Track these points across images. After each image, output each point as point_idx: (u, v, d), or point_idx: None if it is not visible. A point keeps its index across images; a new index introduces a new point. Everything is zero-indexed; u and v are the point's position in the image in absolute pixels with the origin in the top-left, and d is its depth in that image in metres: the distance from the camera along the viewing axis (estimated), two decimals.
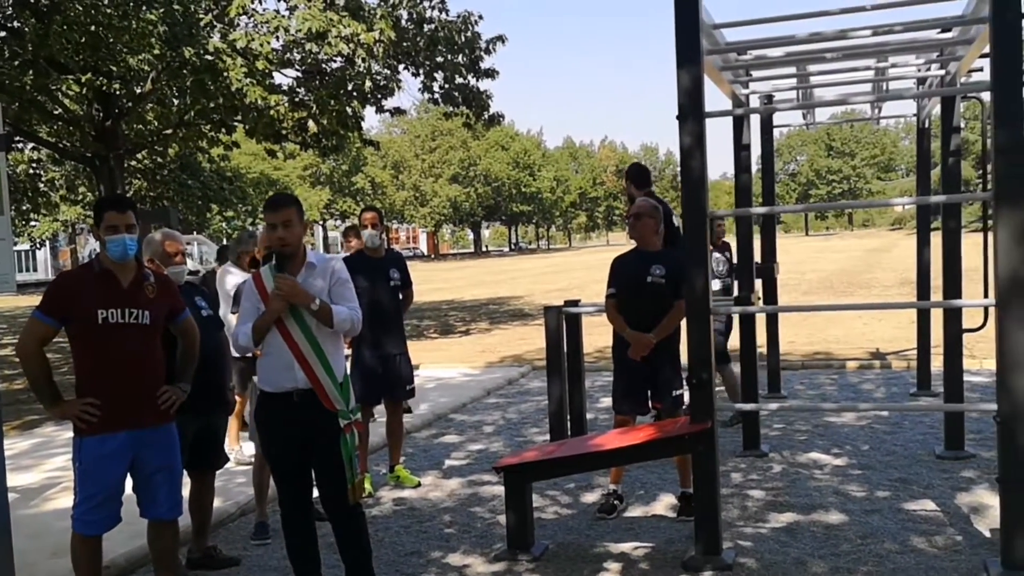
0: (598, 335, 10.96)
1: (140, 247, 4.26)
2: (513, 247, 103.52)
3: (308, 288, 3.99)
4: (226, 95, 11.02)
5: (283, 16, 11.63)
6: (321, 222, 75.21)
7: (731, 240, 8.02)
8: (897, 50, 6.11)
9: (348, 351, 6.39)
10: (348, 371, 4.25)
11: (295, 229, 4.01)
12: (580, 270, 37.76)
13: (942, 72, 6.65)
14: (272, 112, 11.60)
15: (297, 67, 13.46)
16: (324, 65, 12.79)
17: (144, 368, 4.03)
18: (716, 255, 8.49)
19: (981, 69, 6.21)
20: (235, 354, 4.77)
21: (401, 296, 6.54)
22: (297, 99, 13.09)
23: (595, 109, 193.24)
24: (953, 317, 6.74)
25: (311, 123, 13.12)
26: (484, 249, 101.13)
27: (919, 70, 7.10)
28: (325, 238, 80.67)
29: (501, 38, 15.04)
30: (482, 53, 14.87)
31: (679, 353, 5.57)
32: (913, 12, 5.43)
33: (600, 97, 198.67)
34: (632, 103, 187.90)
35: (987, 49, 4.18)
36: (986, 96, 4.40)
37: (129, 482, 4.11)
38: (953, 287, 6.64)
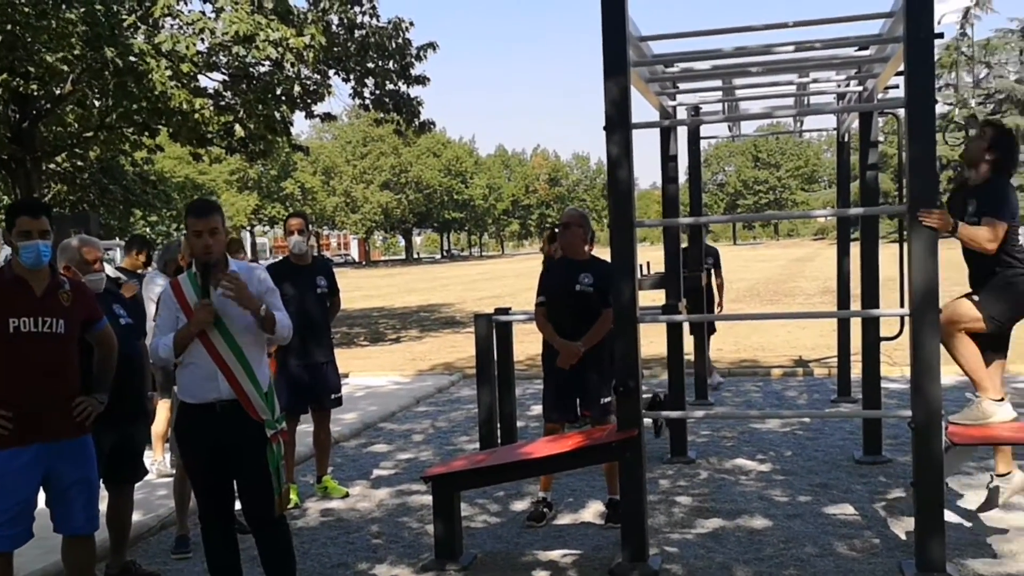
0: (529, 343, 11.00)
1: (55, 254, 4.12)
2: (445, 254, 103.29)
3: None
4: (150, 98, 10.75)
5: (209, 18, 11.41)
6: (249, 228, 73.99)
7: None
8: (818, 66, 6.28)
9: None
10: (272, 380, 4.17)
11: (220, 236, 3.93)
12: (512, 277, 37.84)
13: (860, 88, 6.86)
14: (197, 115, 11.36)
15: (224, 70, 13.21)
16: (252, 69, 12.58)
17: (58, 379, 3.90)
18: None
19: (897, 86, 6.41)
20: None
21: (328, 304, 6.46)
22: (223, 103, 12.85)
23: (528, 118, 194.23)
24: (871, 326, 6.94)
25: (238, 127, 12.89)
26: (416, 256, 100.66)
27: (839, 86, 7.29)
28: (253, 244, 79.37)
29: (432, 45, 15.00)
30: (413, 60, 14.80)
31: (607, 361, 5.61)
32: (833, 30, 5.63)
33: (532, 106, 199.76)
34: (564, 112, 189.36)
35: (902, 67, 4.31)
36: (902, 112, 4.54)
37: (42, 496, 3.98)
38: (871, 297, 6.84)
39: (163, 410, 6.72)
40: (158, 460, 7.00)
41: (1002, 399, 4.57)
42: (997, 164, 4.63)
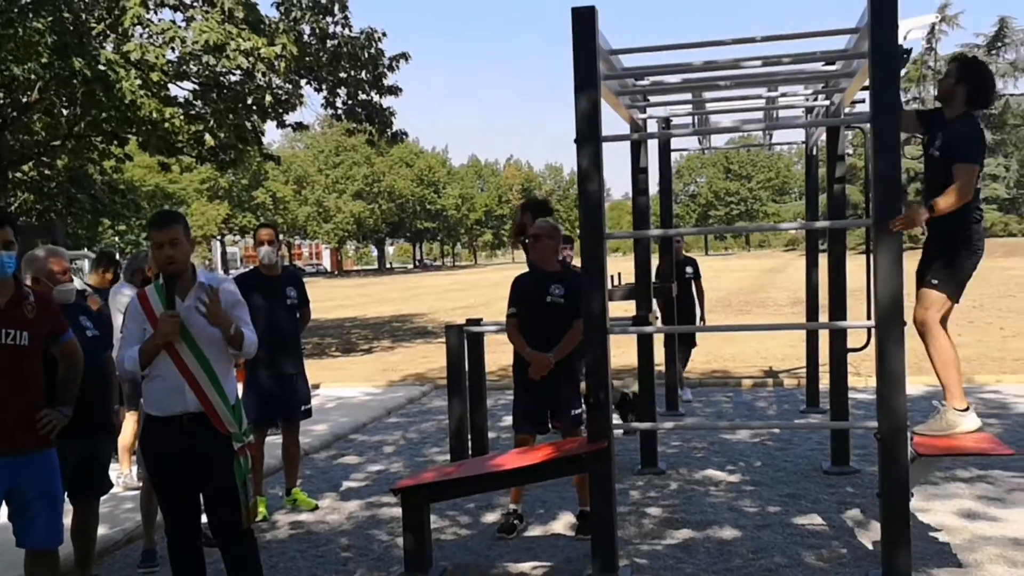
0: (502, 353, 10.98)
1: (19, 264, 4.07)
2: (418, 264, 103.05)
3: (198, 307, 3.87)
4: (118, 107, 10.64)
5: (180, 28, 11.32)
6: (219, 237, 73.40)
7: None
8: (786, 80, 6.35)
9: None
10: (240, 392, 4.14)
11: (182, 247, 3.89)
12: (485, 287, 37.84)
13: (828, 102, 6.94)
14: (167, 125, 11.26)
15: (194, 79, 13.11)
16: (223, 78, 12.50)
17: (22, 391, 3.84)
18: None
19: (864, 100, 6.50)
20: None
21: (298, 315, 6.43)
22: (193, 112, 12.75)
23: (500, 128, 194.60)
24: (838, 337, 7.01)
25: (208, 136, 12.80)
26: (388, 266, 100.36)
27: (807, 99, 7.37)
28: (223, 254, 78.74)
29: (405, 55, 15.00)
30: (385, 70, 14.79)
31: (578, 372, 5.63)
32: (801, 45, 5.68)
33: (505, 116, 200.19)
34: (537, 122, 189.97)
35: (868, 82, 4.37)
36: (868, 126, 4.60)
37: (5, 510, 3.91)
38: (838, 309, 6.91)
39: (130, 422, 6.64)
40: (125, 473, 6.91)
41: (967, 408, 4.62)
42: (970, 95, 4.59)
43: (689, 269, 10.10)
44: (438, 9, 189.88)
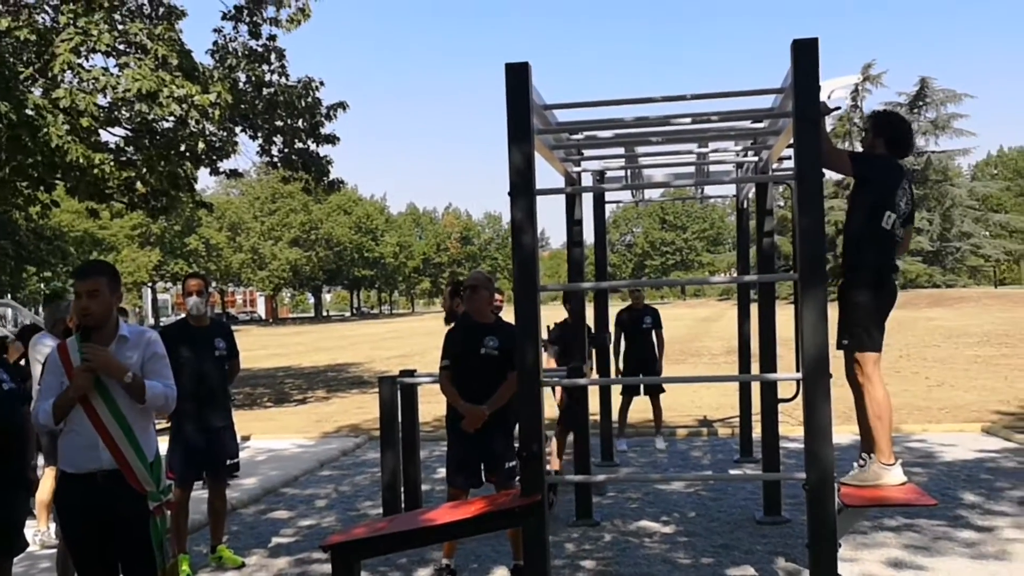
0: (437, 403, 10.88)
1: None
2: (355, 312, 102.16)
3: (120, 361, 3.76)
4: (45, 152, 10.40)
5: (112, 74, 11.16)
6: (151, 284, 71.84)
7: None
8: (716, 136, 6.51)
9: (167, 423, 6.10)
10: (160, 448, 4.01)
11: (102, 299, 3.79)
12: (422, 335, 37.61)
13: (757, 158, 7.12)
14: (96, 171, 11.02)
15: (125, 126, 12.90)
16: (155, 124, 12.32)
17: None
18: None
19: (791, 156, 6.68)
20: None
21: (227, 367, 6.30)
22: (124, 158, 12.53)
23: (439, 176, 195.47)
24: (769, 389, 7.11)
25: (139, 183, 12.57)
26: (325, 313, 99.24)
27: (737, 155, 7.56)
28: (155, 301, 77.01)
29: (343, 104, 15.00)
30: (323, 119, 14.76)
31: (513, 425, 5.60)
32: (729, 103, 5.82)
33: (444, 164, 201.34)
34: (476, 171, 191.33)
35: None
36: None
37: None
38: (768, 360, 7.01)
39: (48, 478, 6.40)
40: (42, 530, 6.66)
41: (893, 464, 4.70)
42: (889, 143, 4.83)
43: (648, 319, 10.27)
44: (378, 57, 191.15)
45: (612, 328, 9.80)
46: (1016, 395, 13.51)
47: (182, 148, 12.22)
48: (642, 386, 10.15)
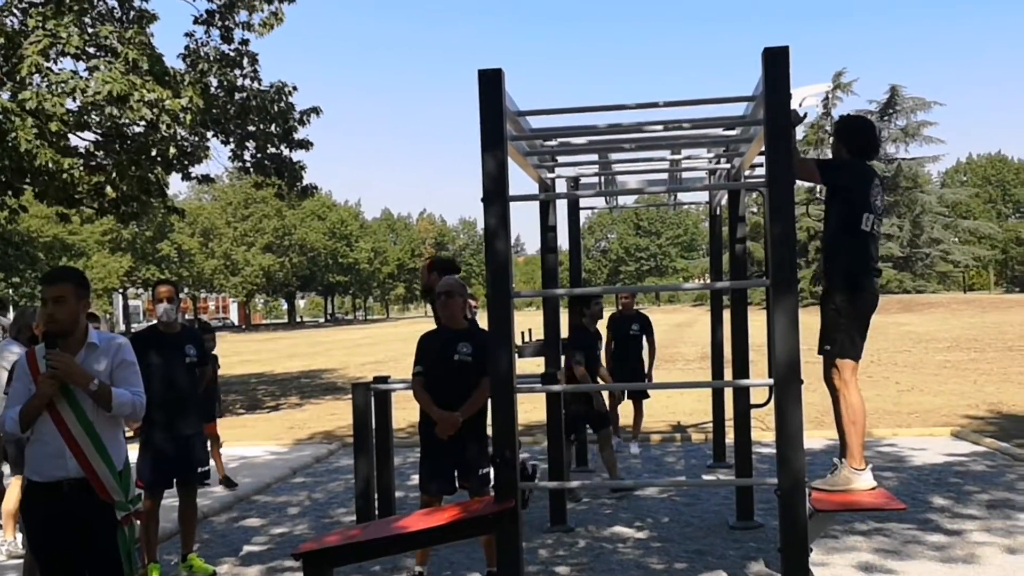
0: (412, 409, 10.83)
1: None
2: (329, 318, 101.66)
3: (88, 369, 3.71)
4: (13, 156, 10.26)
5: (82, 77, 11.04)
6: (121, 290, 71.11)
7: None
8: (688, 144, 6.54)
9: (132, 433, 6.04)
10: (129, 456, 3.96)
11: (68, 306, 3.73)
12: (396, 341, 37.48)
13: (729, 166, 7.16)
14: (65, 176, 10.89)
15: (95, 130, 12.76)
16: (126, 129, 12.20)
17: None
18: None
19: (763, 164, 6.72)
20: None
21: (198, 373, 6.25)
22: (94, 163, 12.39)
23: (414, 182, 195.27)
24: (742, 395, 7.15)
25: (109, 188, 12.43)
26: (299, 320, 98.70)
27: (710, 162, 7.60)
28: (126, 307, 76.23)
29: (316, 109, 14.93)
30: (296, 124, 14.68)
31: (486, 431, 5.59)
32: (701, 111, 5.85)
33: (419, 170, 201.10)
34: (451, 177, 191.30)
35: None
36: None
37: None
38: (741, 366, 7.05)
39: (15, 487, 6.31)
40: (8, 540, 6.58)
41: (864, 468, 4.74)
42: (852, 148, 4.89)
43: (635, 326, 10.30)
44: (354, 63, 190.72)
45: (604, 332, 10.01)
46: (985, 399, 13.68)
47: (153, 153, 12.11)
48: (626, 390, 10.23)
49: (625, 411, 10.67)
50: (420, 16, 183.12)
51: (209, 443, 9.11)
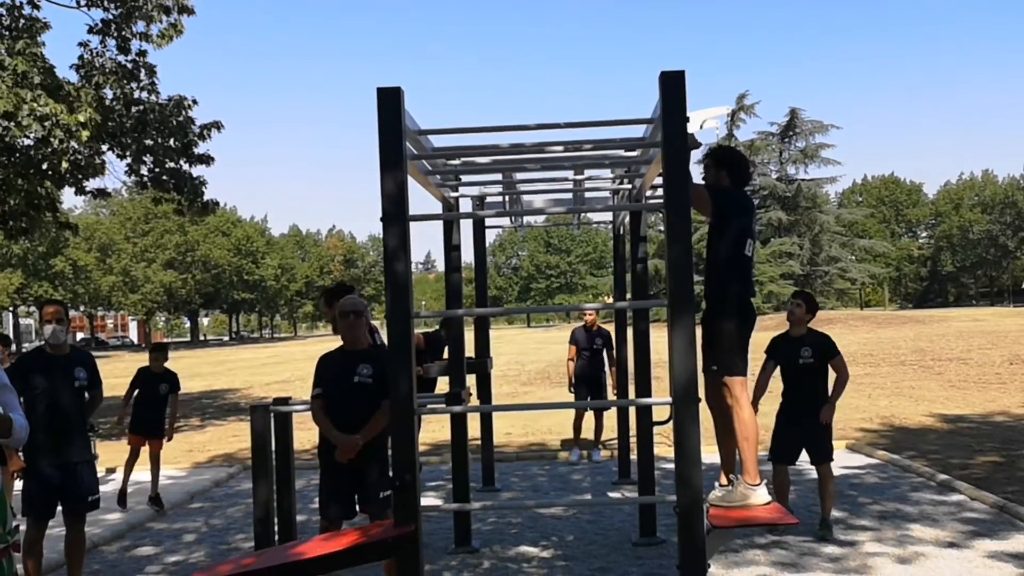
0: (316, 431, 10.64)
1: None
2: (234, 336, 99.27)
3: None
4: None
5: None
6: (11, 308, 68.04)
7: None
8: (591, 164, 6.60)
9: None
10: (5, 484, 3.75)
11: None
12: (304, 360, 36.76)
13: (630, 186, 7.26)
14: None
15: None
16: (14, 142, 11.68)
17: None
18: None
19: (663, 185, 6.84)
20: None
21: (88, 397, 5.99)
22: None
23: (323, 198, 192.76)
24: (645, 412, 7.23)
25: None
26: (202, 338, 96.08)
27: (613, 182, 7.69)
28: (16, 326, 72.93)
29: (217, 124, 14.57)
30: (196, 138, 14.29)
31: (387, 454, 5.50)
32: (602, 132, 5.91)
33: (328, 186, 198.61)
34: (360, 193, 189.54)
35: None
36: None
37: None
38: (644, 384, 7.13)
39: None
40: None
41: (759, 484, 4.83)
42: (732, 175, 5.01)
43: (599, 340, 10.86)
44: (259, 77, 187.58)
45: (567, 345, 10.86)
46: (878, 412, 14.19)
47: (44, 167, 11.62)
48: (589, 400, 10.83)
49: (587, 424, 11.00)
50: (325, 29, 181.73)
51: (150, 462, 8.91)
